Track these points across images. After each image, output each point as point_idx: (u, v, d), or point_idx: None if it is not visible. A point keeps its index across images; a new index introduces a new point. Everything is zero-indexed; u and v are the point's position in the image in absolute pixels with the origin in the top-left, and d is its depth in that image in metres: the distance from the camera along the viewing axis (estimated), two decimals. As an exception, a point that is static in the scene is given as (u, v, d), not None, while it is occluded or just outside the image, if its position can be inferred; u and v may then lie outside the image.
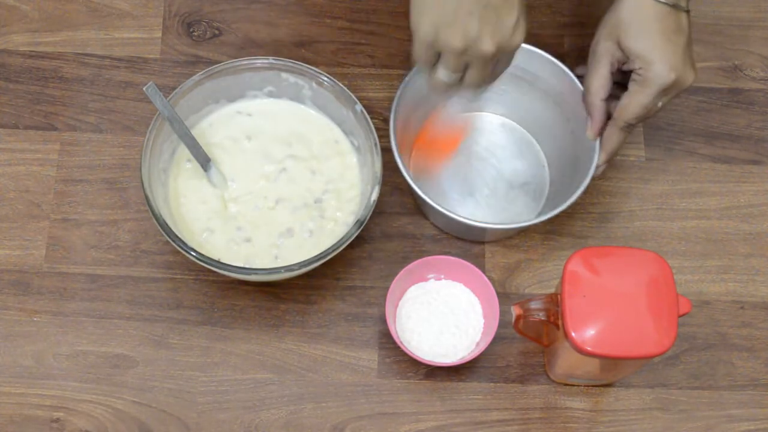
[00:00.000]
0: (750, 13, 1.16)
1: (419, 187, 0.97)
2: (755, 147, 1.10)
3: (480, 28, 0.84)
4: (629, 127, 0.96)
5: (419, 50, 0.87)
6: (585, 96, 0.98)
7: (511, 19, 0.85)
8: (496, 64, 0.90)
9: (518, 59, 1.00)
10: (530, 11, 1.14)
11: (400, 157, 0.98)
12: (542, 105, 1.05)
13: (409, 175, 0.98)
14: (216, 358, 1.00)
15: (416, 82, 1.00)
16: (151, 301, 1.02)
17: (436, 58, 0.88)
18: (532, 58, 1.02)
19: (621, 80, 0.96)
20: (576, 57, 1.02)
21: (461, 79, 0.89)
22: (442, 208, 0.97)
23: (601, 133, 0.98)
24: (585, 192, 0.98)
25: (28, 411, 0.98)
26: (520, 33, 0.86)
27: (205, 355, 1.00)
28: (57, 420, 0.97)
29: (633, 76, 0.94)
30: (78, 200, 1.05)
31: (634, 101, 0.94)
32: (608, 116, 0.98)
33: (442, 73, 0.88)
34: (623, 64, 0.95)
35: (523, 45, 1.00)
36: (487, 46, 0.84)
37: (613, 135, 0.97)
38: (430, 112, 1.06)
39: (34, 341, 1.00)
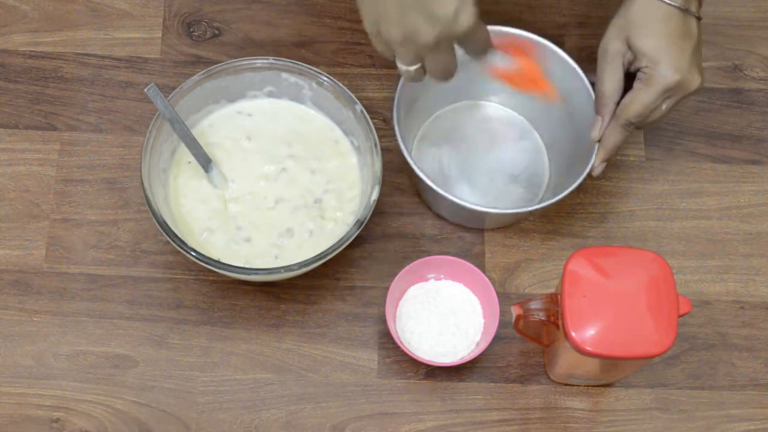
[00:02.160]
0: (750, 13, 1.16)
1: (425, 187, 0.97)
2: (755, 147, 1.10)
3: (416, 21, 0.83)
4: (629, 126, 0.96)
5: (374, 42, 0.87)
6: (598, 98, 0.97)
7: (448, 7, 0.83)
8: (461, 45, 0.88)
9: (529, 52, 1.00)
10: (530, 11, 1.15)
11: (404, 141, 0.98)
12: (548, 99, 1.04)
13: (411, 158, 0.97)
14: (216, 358, 1.00)
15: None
16: (151, 301, 1.02)
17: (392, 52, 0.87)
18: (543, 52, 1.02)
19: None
20: (576, 57, 1.02)
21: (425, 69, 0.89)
22: (442, 190, 0.96)
23: None
24: (585, 192, 0.97)
25: (28, 411, 0.98)
26: (466, 16, 0.84)
27: (205, 355, 1.00)
28: (57, 420, 0.97)
29: (638, 74, 0.94)
30: (78, 200, 1.05)
31: (637, 99, 0.94)
32: None
33: (402, 65, 0.88)
34: (631, 64, 0.95)
35: (536, 38, 1.01)
36: (426, 36, 0.84)
37: (612, 133, 0.97)
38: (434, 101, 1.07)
39: (34, 341, 1.00)
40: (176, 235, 0.93)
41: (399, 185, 1.07)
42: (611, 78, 0.96)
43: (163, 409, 0.98)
